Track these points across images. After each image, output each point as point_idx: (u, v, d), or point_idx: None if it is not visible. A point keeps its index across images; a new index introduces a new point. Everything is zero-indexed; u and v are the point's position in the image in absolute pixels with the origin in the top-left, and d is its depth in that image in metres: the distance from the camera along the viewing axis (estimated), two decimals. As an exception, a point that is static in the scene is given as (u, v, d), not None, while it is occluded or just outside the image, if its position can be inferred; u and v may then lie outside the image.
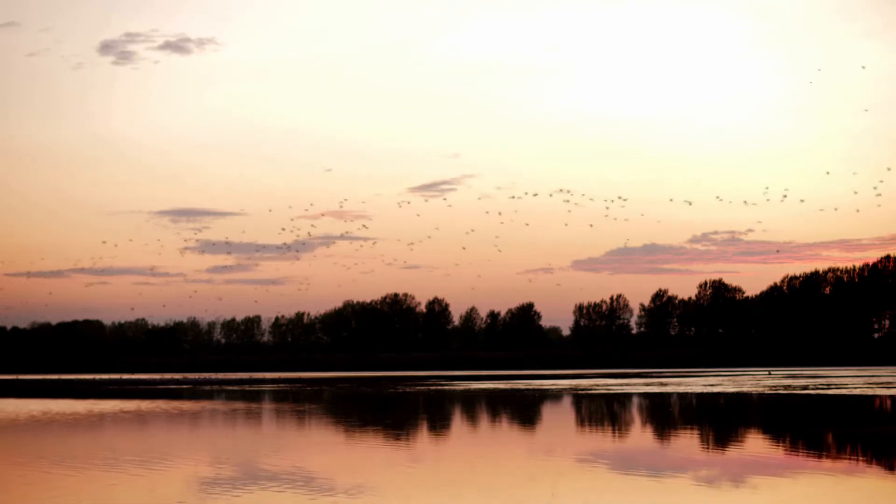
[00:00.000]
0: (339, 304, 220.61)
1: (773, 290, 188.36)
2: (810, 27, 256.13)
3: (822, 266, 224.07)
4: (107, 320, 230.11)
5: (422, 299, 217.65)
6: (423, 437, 33.73)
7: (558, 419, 43.68)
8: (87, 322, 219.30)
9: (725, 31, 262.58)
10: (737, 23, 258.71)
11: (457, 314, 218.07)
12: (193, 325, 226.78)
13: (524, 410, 48.94)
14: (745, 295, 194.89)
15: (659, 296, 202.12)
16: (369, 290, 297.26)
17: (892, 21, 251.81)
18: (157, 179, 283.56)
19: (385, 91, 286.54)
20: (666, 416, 44.68)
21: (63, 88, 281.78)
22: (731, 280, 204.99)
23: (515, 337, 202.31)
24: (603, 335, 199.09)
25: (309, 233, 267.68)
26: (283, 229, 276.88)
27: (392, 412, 47.98)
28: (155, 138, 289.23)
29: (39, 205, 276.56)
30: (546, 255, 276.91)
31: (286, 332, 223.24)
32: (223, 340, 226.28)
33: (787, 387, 68.71)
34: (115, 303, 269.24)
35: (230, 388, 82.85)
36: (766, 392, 61.29)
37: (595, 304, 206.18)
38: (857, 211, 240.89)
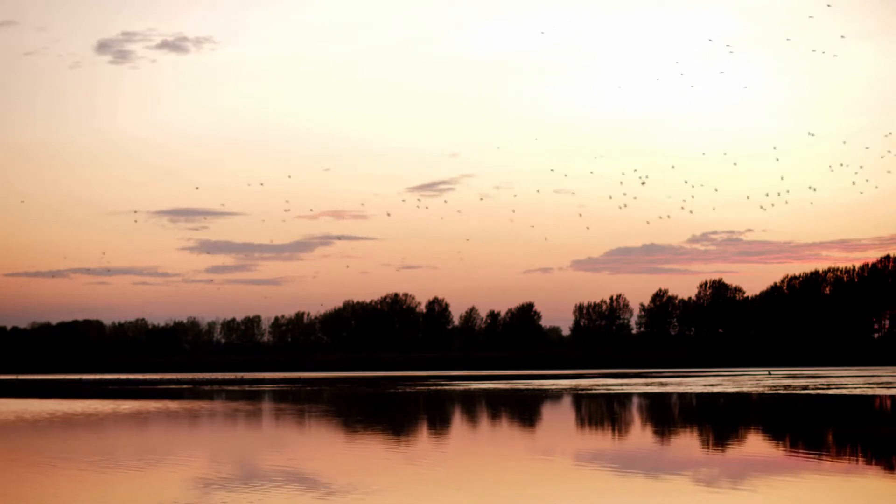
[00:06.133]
0: (339, 304, 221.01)
1: (773, 290, 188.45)
2: (809, 28, 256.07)
3: (822, 266, 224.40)
4: (107, 320, 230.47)
5: (422, 299, 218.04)
6: (423, 438, 33.70)
7: (558, 419, 43.66)
8: (87, 322, 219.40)
9: (725, 31, 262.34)
10: (737, 23, 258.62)
11: (457, 314, 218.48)
12: (193, 325, 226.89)
13: (524, 410, 48.91)
14: (745, 295, 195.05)
15: (659, 296, 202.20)
16: (369, 290, 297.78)
17: (889, 22, 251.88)
18: (157, 179, 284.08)
19: (383, 91, 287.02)
20: (666, 416, 44.65)
21: (60, 88, 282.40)
22: (730, 280, 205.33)
23: (515, 337, 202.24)
24: (603, 335, 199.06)
25: (308, 233, 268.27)
26: (283, 229, 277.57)
27: (392, 412, 47.95)
28: (154, 138, 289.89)
29: (39, 205, 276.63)
30: (546, 255, 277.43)
31: (286, 332, 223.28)
32: (223, 340, 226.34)
33: (787, 387, 68.69)
34: (115, 303, 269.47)
35: (230, 388, 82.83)
36: (766, 392, 61.28)
37: (595, 304, 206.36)
38: (857, 211, 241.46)
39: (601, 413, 46.32)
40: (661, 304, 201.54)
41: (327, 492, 20.31)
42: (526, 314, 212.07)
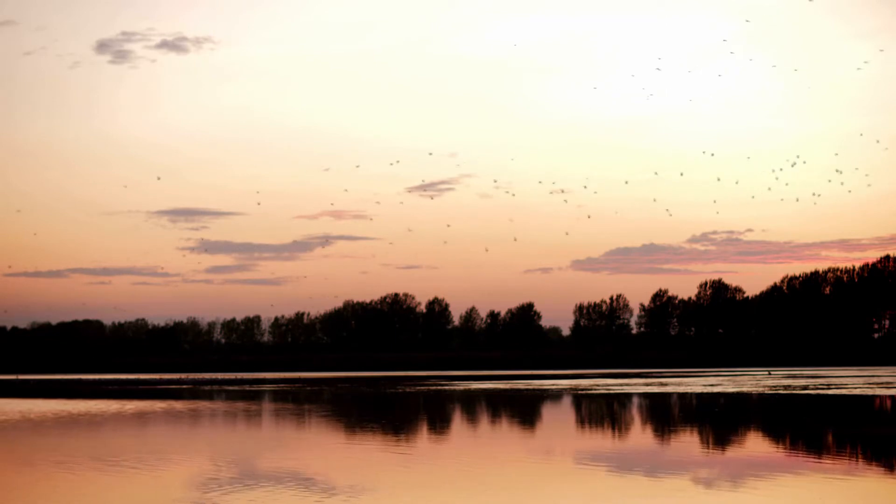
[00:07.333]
0: (339, 304, 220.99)
1: (773, 290, 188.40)
2: (809, 28, 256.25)
3: (822, 266, 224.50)
4: (107, 320, 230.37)
5: (422, 299, 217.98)
6: (423, 438, 33.72)
7: (558, 419, 43.67)
8: (87, 322, 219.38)
9: (725, 32, 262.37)
10: (737, 24, 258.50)
11: (457, 314, 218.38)
12: (193, 325, 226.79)
13: (524, 410, 48.92)
14: (745, 295, 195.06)
15: (659, 296, 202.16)
16: (369, 290, 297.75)
17: (887, 22, 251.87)
18: (156, 179, 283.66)
19: (383, 91, 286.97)
20: (666, 416, 44.67)
21: (60, 88, 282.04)
22: (730, 280, 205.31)
23: (515, 337, 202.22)
24: (603, 335, 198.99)
25: (308, 233, 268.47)
26: (283, 229, 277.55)
27: (392, 412, 47.97)
28: (154, 138, 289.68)
29: (39, 204, 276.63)
30: (546, 255, 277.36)
31: (286, 332, 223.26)
32: (223, 340, 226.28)
33: (787, 387, 68.70)
34: (115, 303, 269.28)
35: (230, 388, 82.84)
36: (766, 392, 61.29)
37: (595, 304, 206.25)
38: (857, 211, 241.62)
39: (601, 413, 46.33)
40: (661, 304, 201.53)
41: (328, 492, 20.32)
42: (526, 314, 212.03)
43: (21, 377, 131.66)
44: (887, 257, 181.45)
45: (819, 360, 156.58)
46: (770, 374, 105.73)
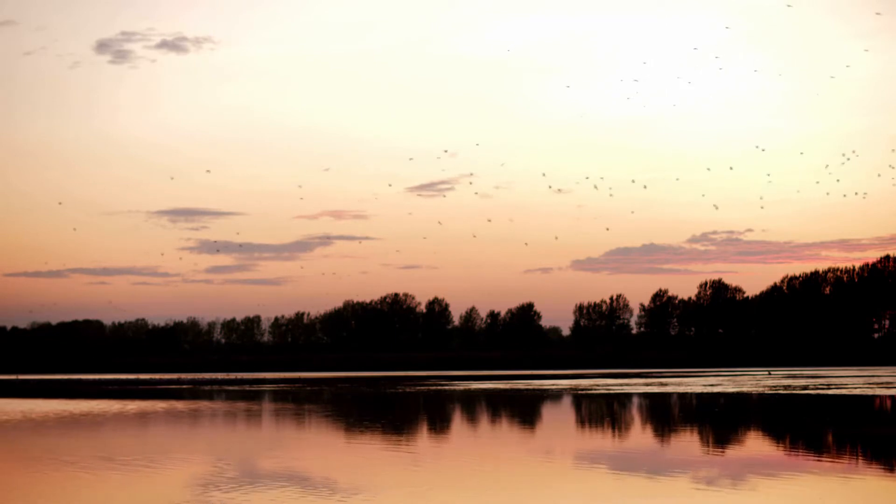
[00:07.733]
0: (339, 304, 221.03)
1: (773, 290, 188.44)
2: (809, 29, 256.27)
3: (821, 266, 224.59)
4: (107, 320, 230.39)
5: (422, 299, 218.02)
6: (423, 438, 33.75)
7: (558, 419, 43.71)
8: (87, 322, 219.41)
9: (726, 31, 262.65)
10: (737, 24, 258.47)
11: (457, 314, 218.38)
12: (193, 325, 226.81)
13: (524, 410, 48.95)
14: (745, 295, 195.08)
15: (659, 296, 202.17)
16: (369, 290, 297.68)
17: (886, 22, 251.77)
18: (156, 179, 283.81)
19: (384, 91, 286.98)
20: (666, 416, 44.70)
21: (60, 88, 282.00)
22: (730, 280, 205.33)
23: (515, 337, 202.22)
24: (603, 335, 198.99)
25: (308, 233, 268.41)
26: (283, 229, 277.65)
27: (392, 412, 48.00)
28: (154, 138, 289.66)
29: (39, 204, 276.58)
30: (546, 255, 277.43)
31: (286, 332, 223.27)
32: (223, 340, 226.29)
33: (787, 387, 68.73)
34: (115, 303, 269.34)
35: (230, 388, 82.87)
36: (766, 392, 61.32)
37: (595, 304, 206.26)
38: (857, 211, 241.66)
39: (601, 413, 46.36)
40: (661, 304, 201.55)
41: (328, 492, 20.36)
42: (526, 314, 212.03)
43: (21, 377, 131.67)
44: (887, 257, 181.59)
45: (819, 360, 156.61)
46: (770, 374, 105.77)
